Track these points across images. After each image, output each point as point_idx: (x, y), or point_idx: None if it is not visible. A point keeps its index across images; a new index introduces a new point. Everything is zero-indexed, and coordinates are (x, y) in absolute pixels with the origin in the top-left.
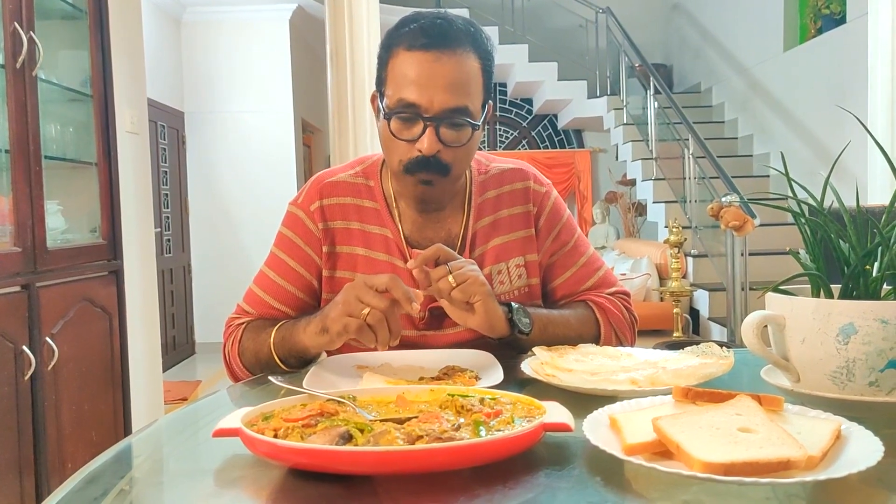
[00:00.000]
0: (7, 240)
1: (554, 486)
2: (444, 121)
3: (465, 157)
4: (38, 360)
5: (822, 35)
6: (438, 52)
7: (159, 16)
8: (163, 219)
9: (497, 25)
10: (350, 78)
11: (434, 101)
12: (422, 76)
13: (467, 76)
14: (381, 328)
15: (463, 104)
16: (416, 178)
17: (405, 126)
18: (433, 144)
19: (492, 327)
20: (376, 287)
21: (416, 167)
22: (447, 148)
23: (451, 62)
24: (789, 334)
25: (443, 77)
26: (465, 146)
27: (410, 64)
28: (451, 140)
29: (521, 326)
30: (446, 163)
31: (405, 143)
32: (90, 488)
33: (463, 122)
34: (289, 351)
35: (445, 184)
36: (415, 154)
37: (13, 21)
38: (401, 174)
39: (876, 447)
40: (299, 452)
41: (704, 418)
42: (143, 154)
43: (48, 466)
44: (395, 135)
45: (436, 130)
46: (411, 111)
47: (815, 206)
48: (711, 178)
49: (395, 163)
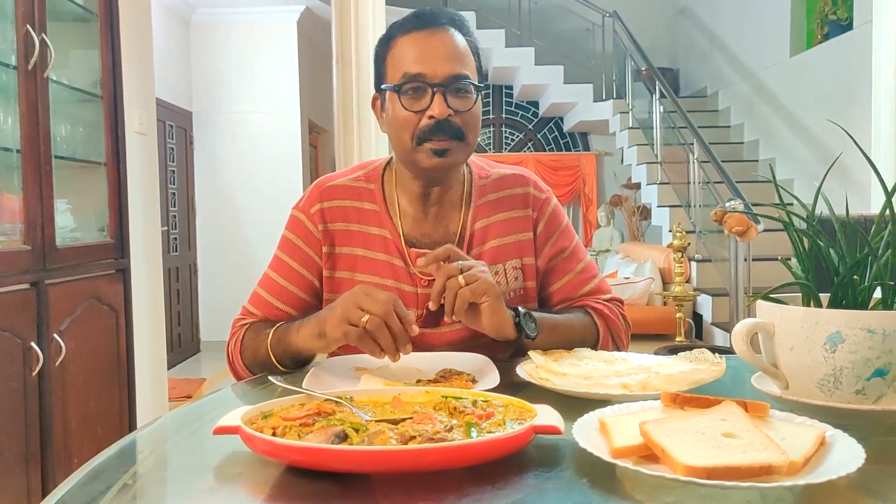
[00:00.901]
0: (17, 238)
1: (542, 487)
2: (449, 86)
3: (474, 123)
4: (45, 356)
5: (828, 41)
6: (432, 29)
7: (168, 17)
8: (170, 218)
9: (504, 28)
10: (356, 79)
11: (437, 69)
12: (421, 49)
13: (462, 48)
14: (381, 334)
15: (464, 71)
16: (431, 146)
17: (414, 98)
18: (444, 108)
19: (499, 330)
20: (377, 299)
21: (430, 133)
22: (456, 114)
23: (446, 36)
24: (778, 342)
25: (441, 48)
26: (471, 111)
27: (409, 45)
28: (458, 106)
29: (527, 331)
30: (458, 126)
31: (415, 115)
32: (95, 482)
33: (467, 86)
34: (284, 352)
35: (460, 152)
36: (426, 122)
37: (25, 23)
38: (413, 150)
39: (857, 454)
40: (296, 451)
41: (690, 423)
42: (150, 154)
43: (54, 460)
44: (406, 107)
45: (443, 96)
46: (418, 81)
47: (805, 215)
48: (716, 183)
49: (407, 140)
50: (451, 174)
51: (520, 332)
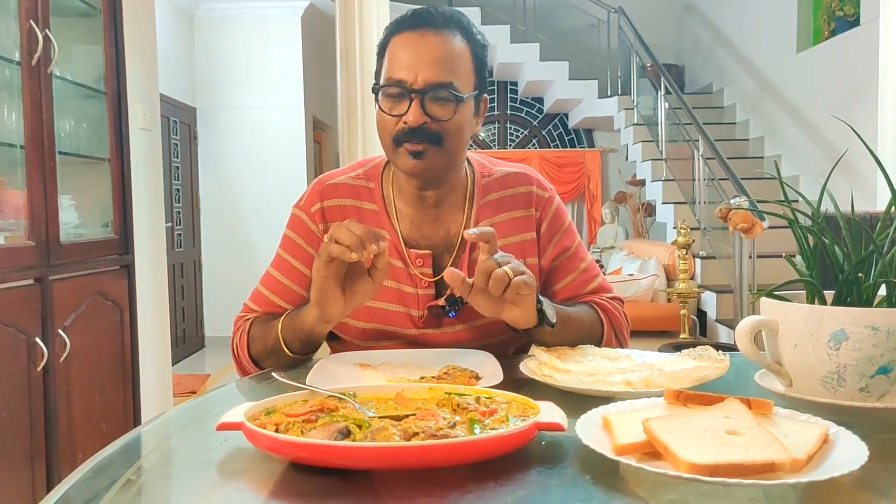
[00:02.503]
0: (21, 234)
1: (545, 483)
2: (427, 94)
3: (455, 131)
4: (50, 351)
5: (835, 37)
6: (424, 30)
7: (172, 12)
8: (174, 213)
9: (508, 24)
10: (360, 75)
11: (419, 75)
12: (408, 52)
13: (452, 53)
14: (342, 232)
15: (447, 79)
16: (405, 148)
17: (394, 102)
18: (418, 116)
19: (525, 317)
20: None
21: (404, 136)
22: (434, 121)
23: (437, 39)
24: (782, 339)
25: (427, 52)
26: (451, 121)
27: (400, 44)
28: (437, 114)
29: (549, 318)
30: (435, 131)
31: (394, 118)
32: (99, 477)
33: (447, 95)
34: (294, 332)
35: (437, 156)
36: (402, 126)
37: (29, 19)
38: (392, 150)
39: (861, 451)
40: (300, 447)
41: (693, 420)
42: (154, 150)
43: (59, 456)
44: (384, 111)
45: (421, 103)
46: (398, 87)
47: (811, 212)
48: (721, 180)
49: (387, 141)
50: (439, 178)
51: (541, 319)
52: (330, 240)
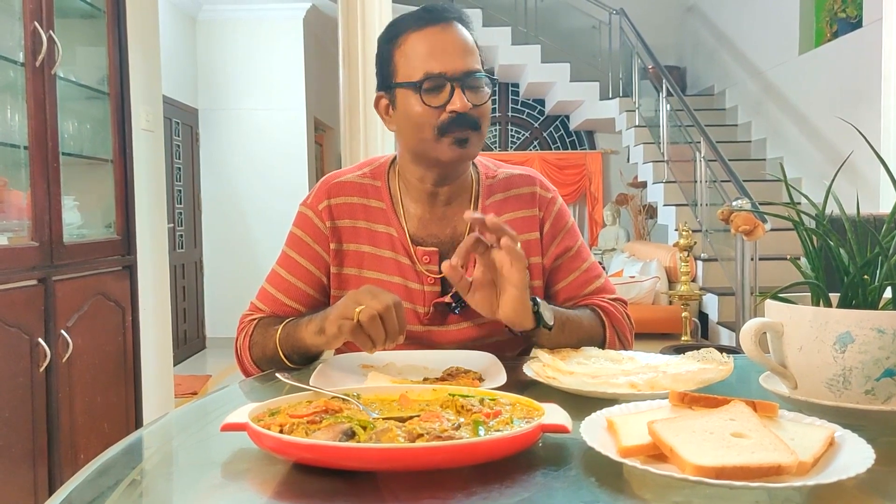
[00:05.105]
0: (24, 234)
1: (550, 485)
2: (467, 81)
3: (488, 115)
4: (53, 352)
5: (837, 39)
6: (444, 24)
7: (175, 14)
8: (176, 214)
9: (510, 26)
10: (362, 77)
11: (456, 65)
12: (437, 46)
13: (472, 43)
14: (373, 326)
15: (477, 66)
16: (452, 137)
17: (433, 95)
18: (465, 102)
19: (520, 318)
20: (377, 296)
21: (452, 126)
22: (474, 107)
23: (457, 31)
24: (787, 341)
25: (454, 43)
26: (485, 105)
27: (423, 40)
28: (474, 99)
29: (545, 320)
30: (476, 118)
31: (436, 110)
32: (102, 478)
33: (480, 82)
34: (292, 347)
35: (477, 142)
36: (446, 116)
37: (33, 20)
38: (434, 142)
39: (867, 454)
40: (304, 448)
41: (699, 423)
42: (157, 151)
43: (61, 456)
44: (427, 103)
45: (462, 91)
46: (439, 79)
47: (816, 214)
48: (723, 182)
49: (428, 134)
50: (465, 168)
51: (538, 322)
52: (359, 320)
